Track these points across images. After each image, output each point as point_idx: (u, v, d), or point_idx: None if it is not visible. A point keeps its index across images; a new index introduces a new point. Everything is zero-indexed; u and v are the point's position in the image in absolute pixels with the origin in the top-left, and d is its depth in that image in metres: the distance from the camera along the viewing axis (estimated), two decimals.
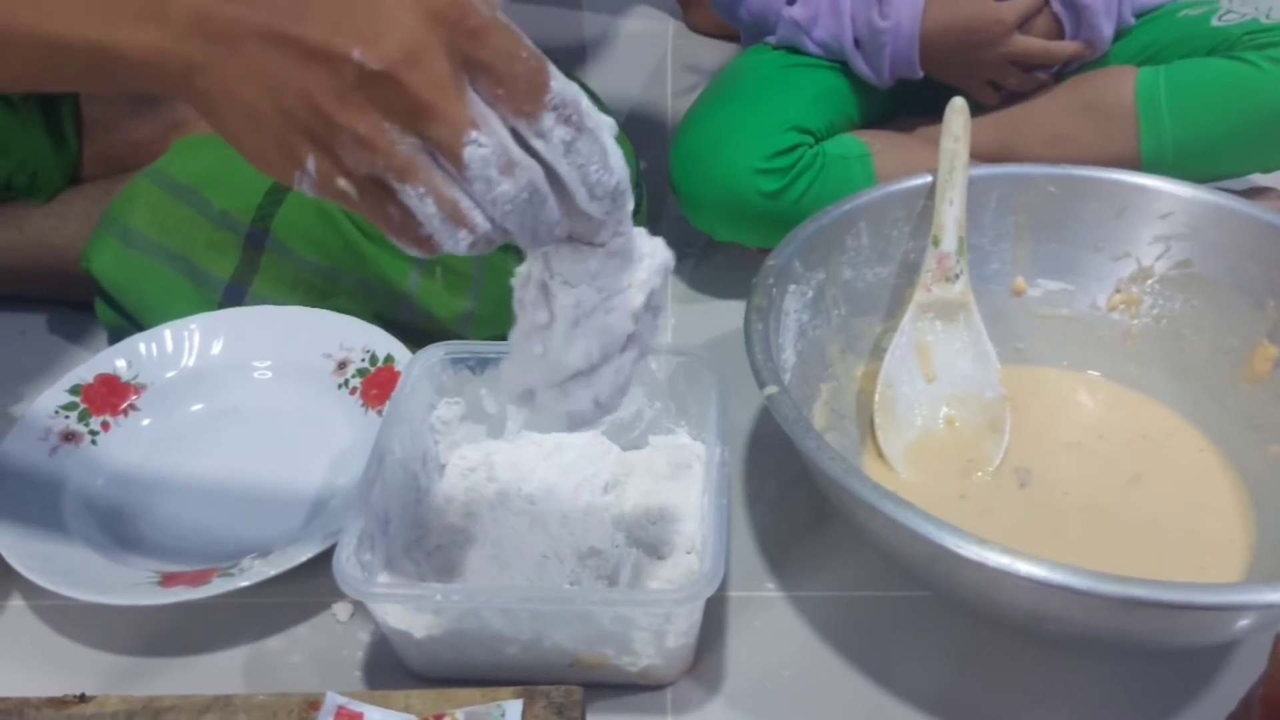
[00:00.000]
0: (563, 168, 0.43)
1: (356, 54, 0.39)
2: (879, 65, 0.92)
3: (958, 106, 0.78)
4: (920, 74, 0.92)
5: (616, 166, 0.44)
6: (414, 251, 0.44)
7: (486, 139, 0.41)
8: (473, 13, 0.40)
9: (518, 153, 0.42)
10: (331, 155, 0.41)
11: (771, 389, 0.61)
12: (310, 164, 0.42)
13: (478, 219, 0.42)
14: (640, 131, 1.15)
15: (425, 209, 0.41)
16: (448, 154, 0.41)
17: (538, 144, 0.42)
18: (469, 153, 0.40)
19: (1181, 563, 0.66)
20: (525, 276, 0.50)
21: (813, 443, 0.58)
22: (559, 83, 0.42)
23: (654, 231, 0.50)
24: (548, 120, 0.42)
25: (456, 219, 0.42)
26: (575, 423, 0.51)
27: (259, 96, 0.41)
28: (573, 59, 1.32)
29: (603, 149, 0.43)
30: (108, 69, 0.44)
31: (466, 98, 0.40)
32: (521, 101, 0.41)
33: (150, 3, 0.42)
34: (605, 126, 0.44)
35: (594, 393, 0.50)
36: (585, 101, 0.43)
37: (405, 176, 0.41)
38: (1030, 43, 0.90)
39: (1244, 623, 0.55)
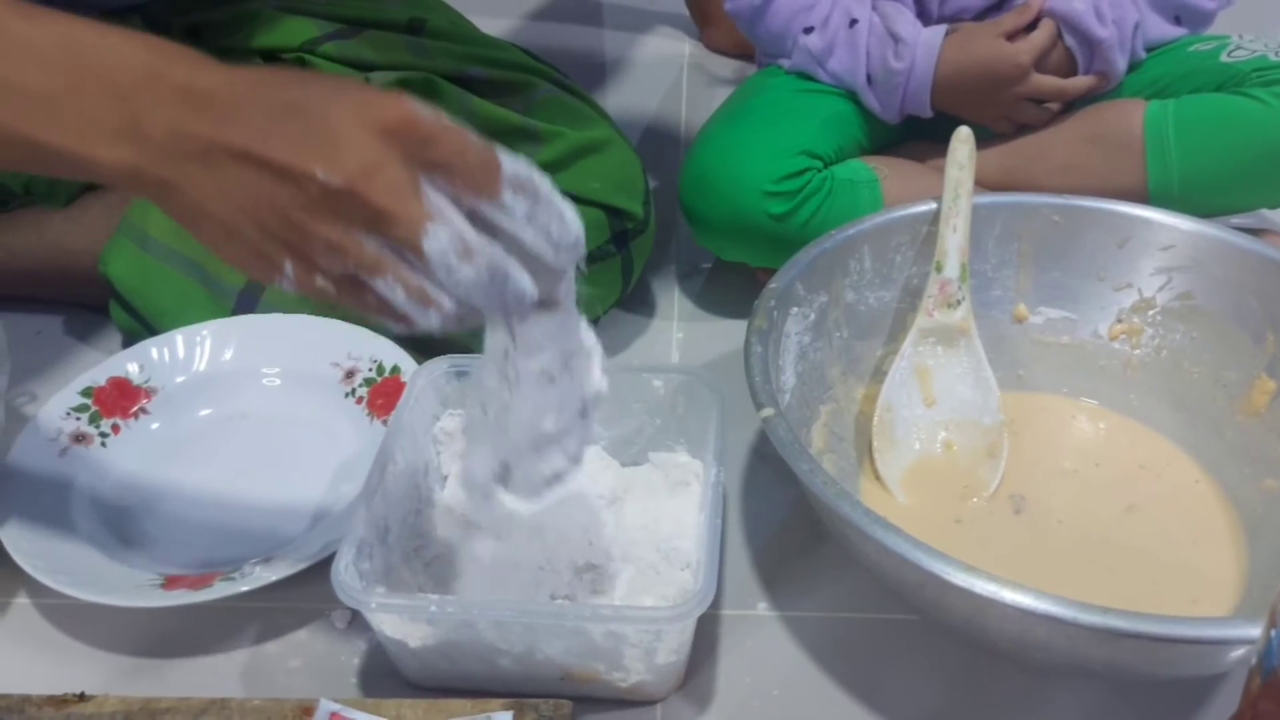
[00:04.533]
0: (529, 235, 0.47)
1: (320, 173, 0.44)
2: (890, 103, 0.92)
3: (963, 135, 0.79)
4: (930, 114, 0.92)
5: (571, 220, 0.48)
6: (396, 328, 0.48)
7: (443, 231, 0.45)
8: (421, 122, 0.45)
9: (474, 239, 0.46)
10: (307, 260, 0.47)
11: (768, 411, 0.62)
12: (288, 268, 0.47)
13: (444, 300, 0.47)
14: (653, 150, 1.15)
15: (396, 296, 0.46)
16: (410, 249, 0.46)
17: (503, 219, 0.47)
18: (428, 246, 0.45)
19: (1173, 594, 0.66)
20: (481, 366, 0.54)
21: (806, 466, 0.58)
22: (508, 161, 0.46)
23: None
24: (508, 196, 0.46)
25: (424, 302, 0.47)
26: (553, 482, 0.55)
27: (233, 212, 0.46)
28: (591, 76, 1.33)
29: (558, 208, 0.48)
30: (86, 174, 0.48)
31: (422, 197, 0.45)
32: (481, 187, 0.46)
33: (127, 121, 0.46)
34: (553, 187, 0.48)
35: (563, 447, 0.54)
36: (535, 171, 0.47)
37: (374, 272, 0.46)
38: (1047, 81, 0.90)
39: (1232, 656, 0.55)
